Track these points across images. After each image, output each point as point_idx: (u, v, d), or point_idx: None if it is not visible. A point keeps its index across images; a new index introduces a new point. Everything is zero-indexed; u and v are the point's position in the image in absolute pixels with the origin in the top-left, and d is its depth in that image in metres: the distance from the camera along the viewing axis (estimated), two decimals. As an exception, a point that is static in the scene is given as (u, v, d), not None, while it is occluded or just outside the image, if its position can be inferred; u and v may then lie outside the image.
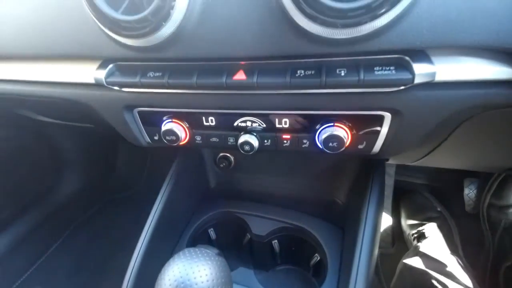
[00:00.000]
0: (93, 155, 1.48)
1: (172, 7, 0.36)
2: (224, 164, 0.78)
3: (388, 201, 1.23)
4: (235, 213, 0.74)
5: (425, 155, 0.62)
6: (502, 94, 0.36)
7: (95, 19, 0.39)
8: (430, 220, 1.08)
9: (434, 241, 0.96)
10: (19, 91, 0.55)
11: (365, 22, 0.31)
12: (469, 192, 1.08)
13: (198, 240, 0.74)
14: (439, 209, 1.12)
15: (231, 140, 0.51)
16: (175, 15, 0.37)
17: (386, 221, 1.24)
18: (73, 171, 1.39)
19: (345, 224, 0.67)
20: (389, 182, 1.21)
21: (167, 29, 0.38)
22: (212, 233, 0.76)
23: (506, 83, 0.35)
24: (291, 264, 0.77)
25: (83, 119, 0.76)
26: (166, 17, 0.37)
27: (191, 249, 0.41)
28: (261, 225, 0.69)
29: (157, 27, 0.37)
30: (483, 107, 0.38)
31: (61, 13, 0.45)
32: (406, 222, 1.14)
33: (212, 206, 0.77)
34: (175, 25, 0.38)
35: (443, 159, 0.70)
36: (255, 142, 0.49)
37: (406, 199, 1.21)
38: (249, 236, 0.71)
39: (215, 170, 0.82)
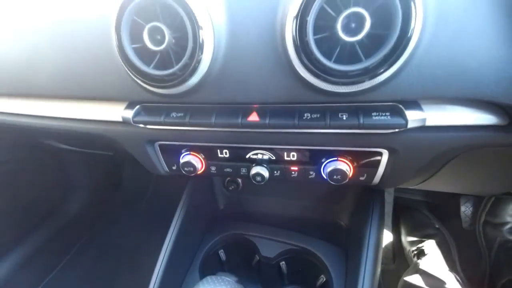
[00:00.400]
0: (100, 172, 1.52)
1: (198, 63, 0.42)
2: (232, 187, 0.82)
3: (388, 218, 1.27)
4: (244, 236, 0.78)
5: (422, 182, 0.67)
6: (485, 136, 0.41)
7: (128, 71, 0.45)
8: (429, 237, 1.12)
9: (433, 258, 1.00)
10: (52, 126, 0.61)
11: (364, 81, 0.37)
12: (466, 210, 1.12)
13: (209, 261, 0.77)
14: (437, 226, 1.16)
15: (243, 170, 0.56)
16: (200, 69, 0.43)
17: (387, 237, 1.28)
18: (81, 188, 1.43)
19: (349, 246, 0.71)
20: (389, 199, 1.26)
21: (192, 81, 0.44)
22: (222, 254, 0.80)
23: (488, 127, 0.41)
24: (298, 284, 0.80)
25: (104, 148, 0.82)
26: (192, 72, 0.42)
27: (214, 277, 0.46)
28: (269, 247, 0.73)
29: (184, 80, 0.43)
30: (469, 146, 0.44)
31: (94, 61, 0.50)
32: (406, 239, 1.18)
33: (222, 228, 0.81)
34: (199, 77, 0.43)
35: (439, 184, 0.75)
36: (265, 173, 0.54)
37: (405, 216, 1.26)
38: (258, 258, 0.75)
39: (224, 193, 0.87)
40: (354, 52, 0.36)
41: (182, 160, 0.56)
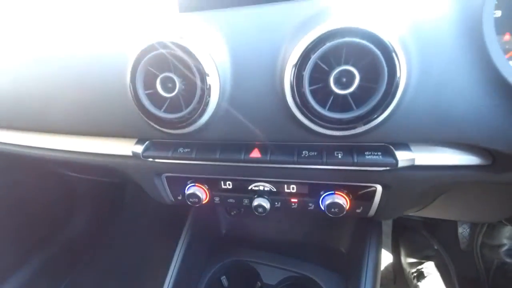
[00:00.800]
0: (103, 193, 1.54)
1: (206, 107, 0.46)
2: (235, 212, 0.85)
3: (387, 238, 1.29)
4: (246, 262, 0.80)
5: (418, 210, 0.70)
6: (470, 175, 0.45)
7: (141, 114, 0.49)
8: (428, 258, 1.13)
9: (432, 281, 1.01)
10: (64, 158, 0.64)
11: (356, 127, 0.41)
12: (463, 231, 1.14)
13: (212, 287, 0.79)
14: (436, 247, 1.18)
15: (245, 201, 0.59)
16: (207, 112, 0.47)
17: (387, 258, 1.29)
18: (84, 206, 1.44)
19: (348, 272, 0.73)
20: (388, 220, 1.28)
21: (199, 123, 0.47)
22: (224, 281, 0.81)
23: (473, 166, 0.44)
24: None
25: (113, 177, 0.85)
26: (200, 115, 0.46)
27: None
28: (271, 274, 0.75)
29: (192, 122, 0.47)
30: (457, 183, 0.47)
31: (109, 100, 0.54)
32: (406, 260, 1.19)
33: (224, 254, 0.83)
34: (205, 119, 0.47)
35: (434, 211, 0.78)
36: (267, 205, 0.57)
37: (404, 237, 1.27)
38: (260, 285, 0.77)
39: (227, 217, 0.89)
40: (346, 101, 0.40)
41: (187, 192, 0.59)
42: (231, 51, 0.46)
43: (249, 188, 0.58)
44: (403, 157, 0.44)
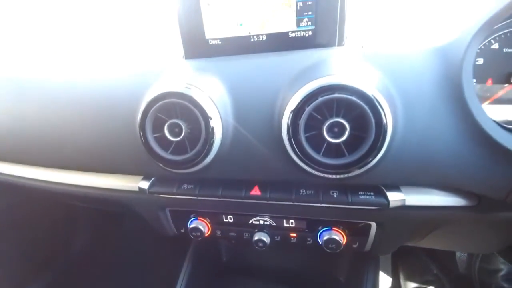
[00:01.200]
0: (103, 218, 1.54)
1: (210, 149, 0.49)
2: (234, 241, 0.87)
3: (387, 262, 1.29)
4: None
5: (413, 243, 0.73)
6: (458, 215, 0.48)
7: (149, 155, 0.52)
8: (427, 283, 1.13)
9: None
10: (73, 192, 0.67)
11: (349, 172, 0.44)
12: (461, 255, 1.15)
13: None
14: (435, 272, 1.18)
15: (246, 235, 0.62)
16: (210, 154, 0.50)
17: (386, 282, 1.28)
18: (85, 227, 1.45)
19: None
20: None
21: (203, 164, 0.51)
22: (225, 310, 0.82)
23: (458, 208, 0.47)
24: None
25: (116, 208, 0.87)
26: (204, 157, 0.49)
27: None
28: None
29: (196, 164, 0.50)
30: (446, 222, 0.50)
31: (118, 141, 0.57)
32: (405, 285, 1.19)
33: (225, 283, 0.84)
34: (209, 160, 0.51)
35: (430, 243, 0.80)
36: (267, 239, 0.59)
37: (404, 261, 1.28)
38: None
39: (228, 246, 0.91)
40: (339, 148, 0.44)
41: (190, 226, 0.62)
42: (233, 97, 0.50)
43: (250, 222, 0.61)
44: (394, 198, 0.47)
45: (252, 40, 0.53)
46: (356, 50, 0.48)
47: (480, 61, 0.48)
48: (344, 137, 0.42)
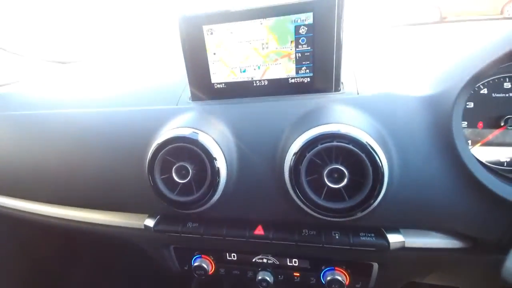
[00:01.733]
0: (105, 247, 1.52)
1: (215, 191, 0.51)
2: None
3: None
4: None
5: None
6: (455, 256, 0.49)
7: (157, 197, 0.54)
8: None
9: None
10: (79, 227, 0.69)
11: (349, 216, 0.46)
12: None
13: None
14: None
15: (249, 273, 0.62)
16: (215, 195, 0.52)
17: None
18: (85, 259, 1.42)
19: None
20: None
21: (209, 204, 0.53)
22: None
23: (455, 249, 0.48)
24: None
25: (121, 243, 0.88)
26: (209, 198, 0.51)
27: None
28: None
29: (202, 205, 0.52)
30: (445, 262, 0.50)
31: (126, 180, 0.59)
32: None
33: None
34: (214, 201, 0.53)
35: (437, 278, 0.79)
36: (270, 279, 0.59)
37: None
38: None
39: (230, 281, 0.90)
40: (339, 192, 0.45)
41: (194, 264, 0.62)
42: (237, 140, 0.53)
43: (253, 260, 0.61)
44: (394, 240, 0.48)
45: (254, 84, 0.57)
46: (352, 96, 0.51)
47: (471, 105, 0.50)
48: (344, 183, 0.44)
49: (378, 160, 0.43)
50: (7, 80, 1.00)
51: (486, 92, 0.50)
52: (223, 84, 0.58)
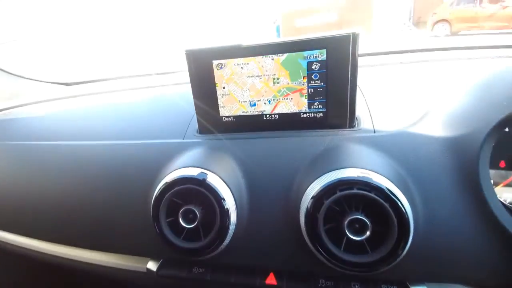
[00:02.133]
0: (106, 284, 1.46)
1: (224, 237, 0.47)
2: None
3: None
4: None
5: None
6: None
7: (162, 243, 0.50)
8: None
9: None
10: (80, 267, 0.64)
11: (378, 270, 0.42)
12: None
13: None
14: None
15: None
16: (225, 242, 0.48)
17: None
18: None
19: None
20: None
21: (217, 251, 0.49)
22: None
23: None
24: None
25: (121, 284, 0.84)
26: (219, 245, 0.48)
27: None
28: None
29: (210, 252, 0.48)
30: None
31: (131, 222, 0.56)
32: None
33: None
34: (222, 248, 0.49)
35: None
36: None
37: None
38: None
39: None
40: (361, 244, 0.42)
41: (199, 312, 0.58)
42: (247, 180, 0.50)
43: (263, 308, 0.56)
44: (419, 294, 0.44)
45: (265, 119, 0.54)
46: (369, 135, 0.49)
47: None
48: (366, 235, 0.40)
49: (404, 210, 0.39)
50: (8, 104, 0.98)
51: (507, 130, 0.47)
52: (232, 118, 0.56)
